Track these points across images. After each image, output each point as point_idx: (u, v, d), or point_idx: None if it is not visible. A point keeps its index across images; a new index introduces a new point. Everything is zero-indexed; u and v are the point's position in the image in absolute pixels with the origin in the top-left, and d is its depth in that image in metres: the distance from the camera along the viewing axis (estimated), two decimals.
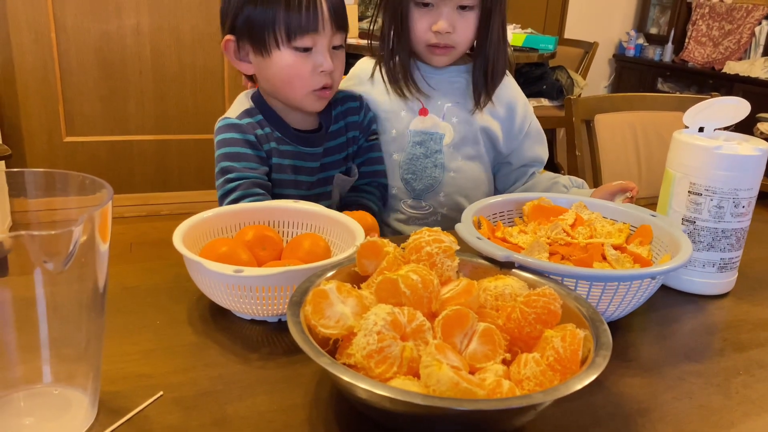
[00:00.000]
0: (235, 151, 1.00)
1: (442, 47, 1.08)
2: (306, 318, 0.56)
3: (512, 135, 1.19)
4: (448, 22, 1.04)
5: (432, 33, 1.06)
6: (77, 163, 2.82)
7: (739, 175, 0.78)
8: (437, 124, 1.14)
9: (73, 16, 2.65)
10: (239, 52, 1.01)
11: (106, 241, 0.51)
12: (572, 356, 0.52)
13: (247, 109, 1.03)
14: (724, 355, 0.70)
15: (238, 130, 1.01)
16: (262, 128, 1.02)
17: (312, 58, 0.97)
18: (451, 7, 1.04)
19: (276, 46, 0.96)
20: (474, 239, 0.71)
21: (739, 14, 4.19)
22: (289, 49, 0.96)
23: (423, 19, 1.06)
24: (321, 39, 0.97)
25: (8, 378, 0.52)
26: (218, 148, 1.02)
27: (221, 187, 0.99)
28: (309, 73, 0.98)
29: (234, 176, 0.98)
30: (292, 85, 0.99)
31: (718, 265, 0.82)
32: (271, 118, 1.04)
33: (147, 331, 0.68)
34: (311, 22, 0.95)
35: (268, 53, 0.97)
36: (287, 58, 0.97)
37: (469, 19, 1.06)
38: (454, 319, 0.55)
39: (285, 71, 0.98)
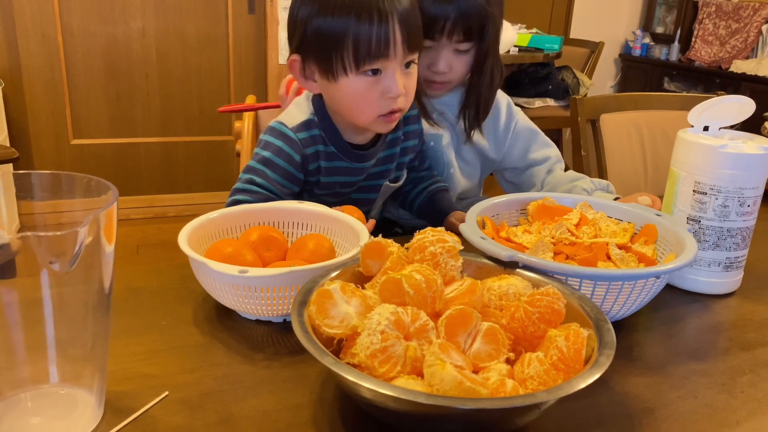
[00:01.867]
0: (275, 160, 0.96)
1: (438, 83, 1.11)
2: (310, 318, 0.56)
3: (498, 139, 1.21)
4: (445, 63, 1.08)
5: (430, 71, 1.09)
6: (84, 166, 2.84)
7: (744, 174, 0.78)
8: (434, 125, 1.16)
9: (80, 20, 2.67)
10: (304, 70, 0.95)
11: (112, 242, 0.51)
12: (576, 355, 0.52)
13: (307, 121, 0.98)
14: (730, 354, 0.70)
15: (288, 142, 0.96)
16: (315, 145, 0.98)
17: (381, 82, 0.90)
18: (449, 49, 1.07)
19: (344, 71, 0.89)
20: (478, 239, 0.71)
21: (746, 13, 4.17)
22: (358, 76, 0.90)
23: (422, 58, 1.08)
24: (391, 63, 0.89)
25: (16, 378, 0.52)
26: (261, 148, 0.98)
27: (242, 182, 0.96)
28: (377, 99, 0.91)
29: (260, 182, 0.95)
30: (360, 111, 0.93)
31: (724, 264, 0.82)
32: (330, 133, 0.99)
33: (153, 332, 0.68)
34: (382, 48, 0.87)
35: (335, 78, 0.91)
36: (355, 84, 0.90)
37: (465, 60, 1.10)
38: (458, 319, 0.55)
39: (352, 98, 0.92)
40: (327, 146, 0.99)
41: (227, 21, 2.86)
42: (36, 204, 0.57)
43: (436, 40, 1.05)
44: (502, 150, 1.21)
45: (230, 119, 2.99)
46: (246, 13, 2.88)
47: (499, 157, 1.22)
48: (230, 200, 0.96)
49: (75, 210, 0.56)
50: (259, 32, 2.92)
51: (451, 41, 1.05)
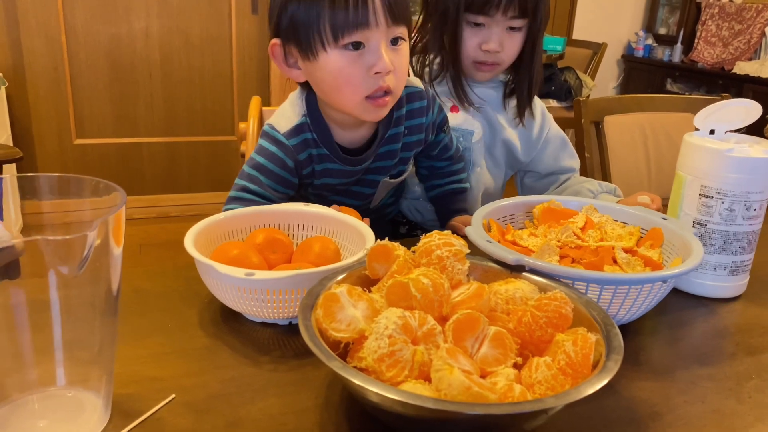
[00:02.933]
0: (269, 166, 0.94)
1: (489, 64, 1.11)
2: (317, 321, 0.56)
3: (530, 144, 1.22)
4: (498, 42, 1.07)
5: (481, 51, 1.09)
6: (87, 165, 2.84)
7: (750, 178, 0.78)
8: (468, 120, 1.17)
9: (84, 20, 2.67)
10: (287, 57, 0.91)
11: (120, 244, 0.51)
12: (584, 360, 0.52)
13: (299, 125, 0.94)
14: (736, 358, 0.70)
15: (281, 147, 0.94)
16: (308, 149, 0.95)
17: (364, 57, 0.84)
18: (501, 27, 1.07)
19: (322, 47, 0.84)
20: (484, 242, 0.71)
21: (749, 14, 4.16)
22: (337, 50, 0.83)
23: (474, 37, 1.08)
24: (374, 34, 0.83)
25: (23, 380, 0.52)
26: (256, 153, 0.96)
27: (237, 190, 0.95)
28: (361, 76, 0.84)
29: (254, 189, 0.94)
30: (342, 92, 0.86)
31: (730, 268, 0.82)
32: (321, 134, 0.95)
33: (159, 334, 0.68)
34: (360, 15, 0.81)
35: (315, 56, 0.85)
36: (335, 60, 0.84)
37: (517, 39, 1.09)
38: (465, 323, 0.55)
39: (333, 76, 0.85)
40: (319, 149, 0.95)
41: (230, 21, 2.86)
42: (42, 203, 0.57)
43: (491, 15, 1.05)
44: (532, 153, 1.22)
45: (233, 119, 2.99)
46: (249, 13, 2.88)
47: (527, 159, 1.22)
48: (226, 209, 0.93)
49: (82, 210, 0.56)
50: (262, 32, 2.92)
51: (506, 17, 1.05)
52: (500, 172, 1.24)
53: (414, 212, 1.23)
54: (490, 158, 1.21)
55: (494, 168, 1.22)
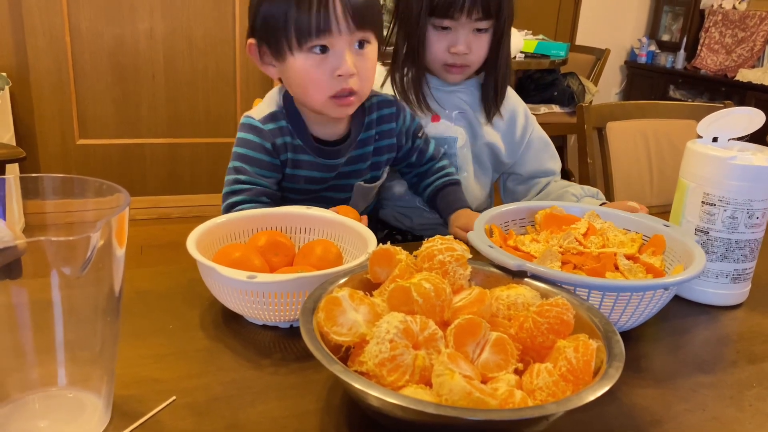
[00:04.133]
0: (250, 154, 0.97)
1: (458, 66, 1.11)
2: (319, 325, 0.56)
3: (514, 145, 1.22)
4: (465, 44, 1.08)
5: (449, 54, 1.09)
6: (90, 166, 2.84)
7: (753, 186, 0.78)
8: (449, 128, 1.17)
9: (88, 20, 2.68)
10: (261, 56, 0.96)
11: (123, 245, 0.52)
12: (585, 367, 0.52)
13: (274, 113, 0.98)
14: (738, 366, 0.69)
15: (257, 134, 0.96)
16: (283, 136, 0.97)
17: (328, 60, 0.89)
18: (468, 29, 1.07)
19: (289, 50, 0.89)
20: (486, 248, 0.71)
21: (752, 22, 4.17)
22: (302, 53, 0.89)
23: (441, 40, 1.09)
24: (337, 40, 0.88)
25: (24, 380, 0.52)
26: (236, 146, 0.98)
27: (229, 185, 0.96)
28: (326, 78, 0.90)
29: (245, 179, 0.96)
30: (308, 92, 0.92)
31: (732, 275, 0.82)
32: (296, 125, 0.98)
33: (160, 336, 0.68)
34: (322, 22, 0.86)
35: (283, 58, 0.91)
36: (301, 63, 0.89)
37: (484, 39, 1.10)
38: (467, 328, 0.55)
39: (299, 77, 0.91)
40: (294, 139, 0.98)
41: (234, 23, 2.86)
42: (46, 203, 0.57)
43: (456, 19, 1.06)
44: (515, 155, 1.22)
45: (236, 121, 3.00)
46: None
47: (511, 161, 1.23)
48: (225, 205, 0.96)
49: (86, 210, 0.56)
50: None
51: (471, 19, 1.06)
52: (487, 176, 1.24)
53: (402, 218, 1.23)
54: (476, 163, 1.21)
55: (482, 174, 1.23)
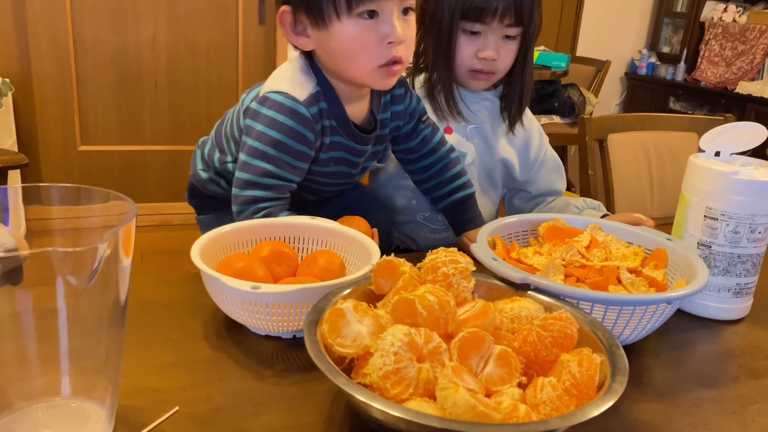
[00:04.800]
0: (289, 143, 0.88)
1: (485, 73, 1.11)
2: (323, 336, 0.56)
3: (528, 164, 1.22)
4: (494, 49, 1.08)
5: (477, 59, 1.09)
6: (91, 172, 2.85)
7: (755, 201, 0.78)
8: (461, 142, 1.17)
9: (91, 28, 2.69)
10: (296, 25, 0.89)
11: (129, 255, 0.52)
12: (589, 381, 0.52)
13: (316, 94, 0.90)
14: (740, 381, 0.69)
15: (300, 120, 0.88)
16: (322, 119, 0.91)
17: (378, 26, 0.84)
18: (498, 35, 1.08)
19: (336, 15, 0.83)
20: (490, 260, 0.71)
21: (752, 35, 4.19)
22: (351, 19, 0.83)
23: (470, 45, 1.09)
24: (388, 4, 0.83)
25: (27, 389, 0.52)
26: (269, 127, 0.88)
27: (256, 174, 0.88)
28: (375, 45, 0.84)
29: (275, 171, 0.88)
30: (356, 61, 0.86)
31: (734, 290, 0.82)
32: (332, 105, 0.92)
33: (163, 345, 0.68)
34: None
35: (327, 24, 0.84)
36: (349, 29, 0.84)
37: (512, 47, 1.10)
38: (471, 342, 0.55)
39: (346, 45, 0.85)
40: (330, 120, 0.93)
41: (237, 32, 2.88)
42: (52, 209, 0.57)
43: (487, 23, 1.06)
44: (529, 173, 1.23)
45: None
46: (256, 24, 2.90)
47: (524, 179, 1.23)
48: (249, 196, 0.89)
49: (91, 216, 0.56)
50: (268, 43, 2.93)
51: (502, 25, 1.06)
52: (497, 193, 1.24)
53: (407, 240, 1.23)
54: (487, 180, 1.21)
55: (491, 190, 1.23)
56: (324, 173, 0.98)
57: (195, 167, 1.11)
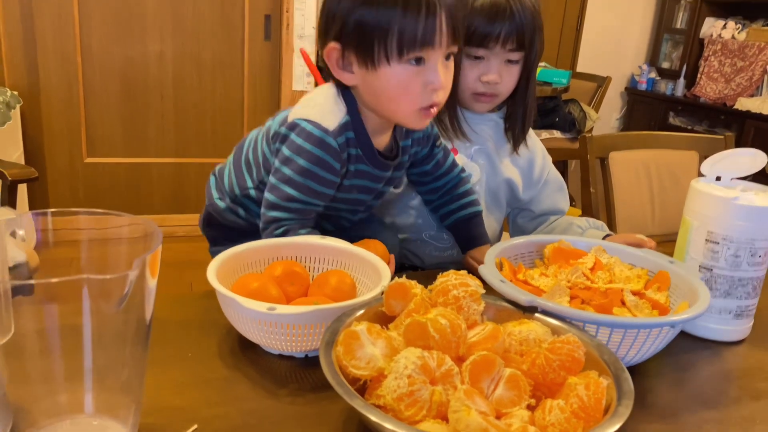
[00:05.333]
0: (318, 173, 0.91)
1: (488, 95, 1.14)
2: (338, 358, 0.58)
3: (531, 183, 1.24)
4: (497, 73, 1.11)
5: (480, 82, 1.12)
6: (97, 184, 2.87)
7: (756, 226, 0.80)
8: (466, 163, 1.19)
9: (99, 41, 2.72)
10: (342, 60, 0.91)
11: (155, 276, 0.53)
12: (596, 404, 0.54)
13: (345, 124, 0.93)
14: (741, 403, 0.71)
15: (328, 151, 0.91)
16: (348, 148, 0.95)
17: (424, 73, 0.88)
18: (500, 59, 1.11)
19: (386, 59, 0.87)
20: (498, 282, 0.73)
21: (751, 51, 4.23)
22: (400, 64, 0.87)
23: (473, 69, 1.12)
24: (435, 53, 0.87)
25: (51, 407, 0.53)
26: (298, 154, 0.91)
27: (282, 198, 0.92)
28: (419, 90, 0.88)
29: (301, 197, 0.91)
30: (399, 102, 0.90)
31: (735, 312, 0.84)
32: (359, 134, 0.95)
33: (179, 364, 0.70)
34: (428, 36, 0.85)
35: (375, 67, 0.88)
36: (396, 73, 0.87)
37: (514, 71, 1.13)
38: (482, 365, 0.57)
39: (392, 87, 0.88)
40: (356, 149, 0.96)
41: (243, 46, 2.91)
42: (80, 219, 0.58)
43: (490, 48, 1.09)
44: (531, 192, 1.25)
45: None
46: (262, 39, 2.93)
47: (528, 198, 1.25)
48: (271, 216, 0.93)
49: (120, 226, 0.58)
50: (274, 58, 2.97)
51: (505, 50, 1.09)
52: (501, 212, 1.26)
53: (413, 257, 1.25)
54: (492, 200, 1.23)
55: (496, 210, 1.25)
56: (345, 200, 1.00)
57: (211, 197, 1.12)
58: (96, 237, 0.59)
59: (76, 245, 0.59)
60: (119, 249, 0.58)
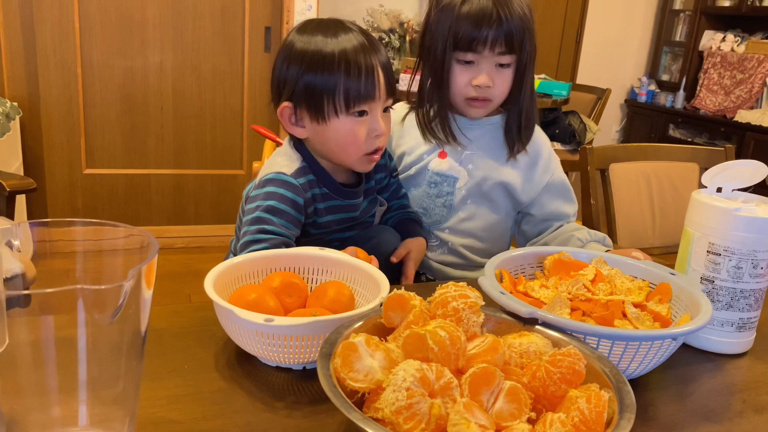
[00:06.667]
0: (280, 207, 1.00)
1: (480, 100, 1.15)
2: (335, 370, 0.57)
3: (532, 184, 1.22)
4: (488, 77, 1.12)
5: (472, 87, 1.13)
6: (96, 195, 2.87)
7: (757, 237, 0.80)
8: (453, 167, 1.19)
9: (100, 53, 2.73)
10: (295, 116, 1.03)
11: (151, 287, 0.53)
12: (597, 418, 0.53)
13: (302, 168, 1.04)
14: (744, 417, 0.70)
15: (290, 188, 1.01)
16: (311, 188, 1.04)
17: (367, 123, 1.01)
18: (491, 63, 1.11)
19: (334, 113, 0.99)
20: (498, 294, 0.72)
21: (750, 64, 4.25)
22: (348, 117, 0.99)
23: (464, 74, 1.13)
24: (376, 105, 1.00)
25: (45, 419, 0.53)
26: (264, 198, 1.01)
27: (253, 234, 0.99)
28: (364, 137, 1.01)
29: (270, 228, 0.99)
30: (347, 150, 1.02)
31: (737, 324, 0.83)
32: (320, 175, 1.06)
33: (176, 376, 0.69)
34: (369, 90, 0.98)
35: (326, 121, 1.00)
36: (345, 124, 1.00)
37: (506, 75, 1.13)
38: (482, 377, 0.56)
39: (342, 137, 1.01)
40: (321, 188, 1.05)
41: (243, 58, 2.92)
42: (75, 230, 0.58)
43: (479, 52, 1.09)
44: (532, 194, 1.23)
45: (242, 153, 3.04)
46: (262, 50, 2.94)
47: (527, 200, 1.23)
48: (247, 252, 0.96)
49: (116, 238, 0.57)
50: None
51: (494, 53, 1.10)
52: (499, 214, 1.24)
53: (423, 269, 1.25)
54: (486, 201, 1.22)
55: (492, 212, 1.23)
56: (330, 231, 1.09)
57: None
58: (92, 248, 0.58)
59: (73, 256, 0.58)
60: (115, 260, 0.58)
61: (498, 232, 1.25)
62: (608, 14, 4.52)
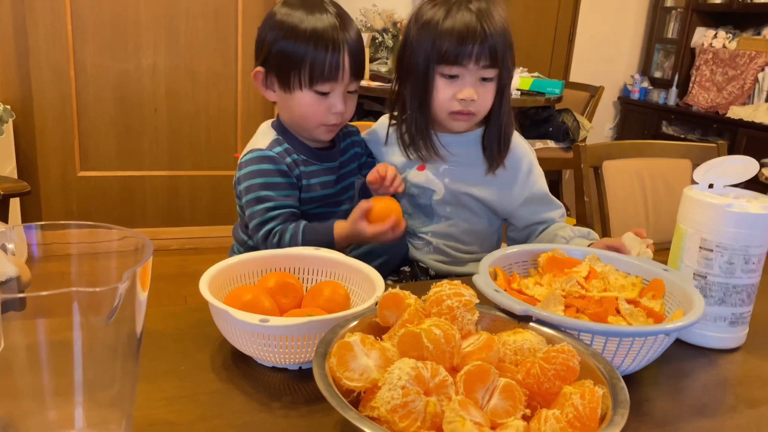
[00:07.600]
0: (270, 181, 1.08)
1: (465, 114, 1.14)
2: (331, 370, 0.57)
3: (511, 199, 1.21)
4: (473, 90, 1.11)
5: (456, 101, 1.12)
6: (90, 197, 2.86)
7: (749, 233, 0.80)
8: (430, 180, 1.19)
9: (93, 55, 2.72)
10: (266, 81, 1.13)
11: (146, 289, 0.53)
12: (591, 414, 0.54)
13: (275, 139, 1.13)
14: (737, 411, 0.71)
15: (270, 161, 1.10)
16: (289, 155, 1.12)
17: (328, 101, 1.09)
18: (475, 77, 1.11)
19: (299, 86, 1.08)
20: (492, 291, 0.73)
21: (742, 60, 4.26)
22: (310, 92, 1.08)
23: (448, 88, 1.12)
24: (338, 86, 1.08)
25: (41, 422, 0.53)
26: (251, 178, 1.09)
27: (260, 216, 1.07)
28: (323, 112, 1.09)
29: (273, 205, 1.07)
30: (307, 121, 1.11)
31: (730, 319, 0.84)
32: (295, 144, 1.14)
33: (172, 377, 0.69)
34: (333, 73, 1.06)
35: (291, 91, 1.09)
36: (307, 98, 1.08)
37: (489, 89, 1.14)
38: (476, 375, 0.56)
39: (303, 108, 1.10)
40: (298, 155, 1.13)
41: (237, 59, 2.91)
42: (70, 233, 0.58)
43: (464, 65, 1.09)
44: (510, 208, 1.21)
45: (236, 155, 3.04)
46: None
47: (507, 213, 1.22)
48: (262, 234, 1.07)
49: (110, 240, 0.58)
50: None
51: (479, 66, 1.10)
52: (481, 223, 1.23)
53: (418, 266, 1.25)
54: (466, 211, 1.21)
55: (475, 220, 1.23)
56: (316, 199, 1.15)
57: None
58: (87, 251, 0.58)
59: (67, 259, 0.58)
60: (110, 262, 0.58)
61: (482, 235, 1.25)
62: (600, 12, 4.53)
